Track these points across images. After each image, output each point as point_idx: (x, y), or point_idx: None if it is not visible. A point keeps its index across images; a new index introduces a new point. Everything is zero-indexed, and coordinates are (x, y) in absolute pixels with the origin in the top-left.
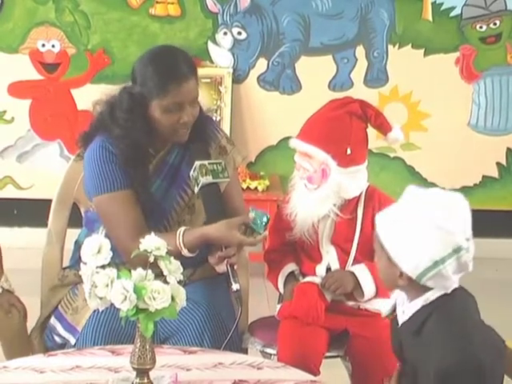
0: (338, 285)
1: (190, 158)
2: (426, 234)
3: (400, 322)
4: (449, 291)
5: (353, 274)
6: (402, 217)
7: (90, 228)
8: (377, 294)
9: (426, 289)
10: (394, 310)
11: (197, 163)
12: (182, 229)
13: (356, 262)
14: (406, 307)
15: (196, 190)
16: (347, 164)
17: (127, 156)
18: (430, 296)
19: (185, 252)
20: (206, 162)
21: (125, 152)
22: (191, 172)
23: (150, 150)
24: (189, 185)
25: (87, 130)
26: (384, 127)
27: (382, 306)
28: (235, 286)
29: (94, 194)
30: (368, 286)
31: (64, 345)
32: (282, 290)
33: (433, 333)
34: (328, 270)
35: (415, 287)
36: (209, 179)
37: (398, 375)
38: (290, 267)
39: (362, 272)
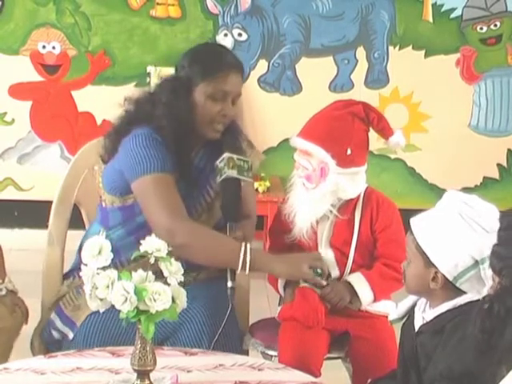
0: (337, 299)
1: (218, 153)
2: (469, 233)
3: (417, 326)
4: (480, 297)
5: (349, 283)
6: (443, 217)
7: (105, 223)
8: (374, 301)
9: (457, 293)
10: (403, 316)
11: (226, 155)
12: (249, 246)
13: (355, 264)
14: (427, 314)
15: (218, 179)
16: (346, 164)
17: (172, 134)
18: (460, 301)
19: (239, 270)
20: (234, 156)
21: (169, 131)
22: (217, 161)
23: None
24: (212, 187)
25: (120, 125)
26: (386, 131)
27: (382, 307)
28: (230, 283)
29: (138, 175)
30: (365, 295)
31: (61, 340)
32: (282, 293)
33: (453, 333)
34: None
35: (446, 292)
36: (233, 173)
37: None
38: None
39: (358, 281)
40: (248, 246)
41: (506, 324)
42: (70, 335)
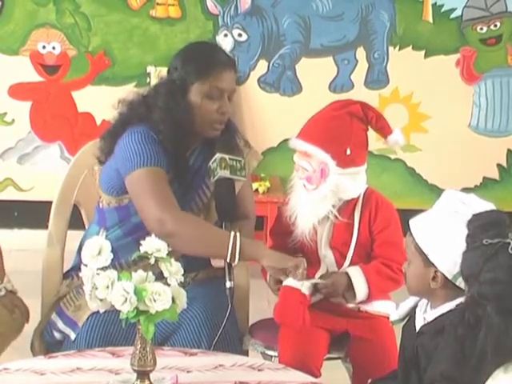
0: (332, 289)
1: (212, 152)
2: (466, 231)
3: (419, 327)
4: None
5: (347, 275)
6: (441, 217)
7: (102, 224)
8: (369, 297)
9: (458, 293)
10: (404, 317)
11: (218, 155)
12: (238, 235)
13: (353, 263)
14: (428, 314)
15: (211, 180)
16: (346, 164)
17: (170, 138)
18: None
19: (228, 260)
20: (226, 156)
21: (167, 134)
22: (210, 162)
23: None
24: (208, 187)
25: (114, 127)
26: (385, 130)
27: (382, 308)
28: (229, 284)
29: (132, 169)
30: (360, 288)
31: (62, 341)
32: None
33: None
34: None
35: (447, 291)
36: (226, 173)
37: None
38: None
39: (356, 273)
40: (237, 234)
41: (476, 333)
42: (72, 335)
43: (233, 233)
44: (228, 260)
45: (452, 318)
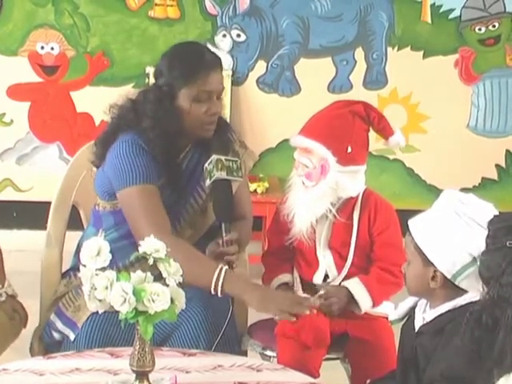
0: (332, 305)
1: (207, 155)
2: (465, 230)
3: (418, 327)
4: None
5: (347, 289)
6: (440, 216)
7: (98, 226)
8: (373, 306)
9: (458, 293)
10: (403, 316)
11: (214, 157)
12: (224, 269)
13: (353, 266)
14: (427, 314)
15: (208, 182)
16: (347, 162)
17: (159, 146)
18: (461, 301)
19: (213, 292)
20: (222, 158)
21: (156, 143)
22: (206, 164)
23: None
24: (203, 188)
25: (105, 134)
26: (386, 131)
27: (381, 309)
28: None
29: (123, 186)
30: (364, 301)
31: (61, 342)
32: None
33: (453, 333)
34: (326, 276)
35: (446, 291)
36: (223, 175)
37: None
38: (284, 278)
39: (357, 288)
40: (224, 268)
41: (494, 335)
42: (71, 336)
43: (219, 266)
44: (212, 292)
45: (468, 318)
